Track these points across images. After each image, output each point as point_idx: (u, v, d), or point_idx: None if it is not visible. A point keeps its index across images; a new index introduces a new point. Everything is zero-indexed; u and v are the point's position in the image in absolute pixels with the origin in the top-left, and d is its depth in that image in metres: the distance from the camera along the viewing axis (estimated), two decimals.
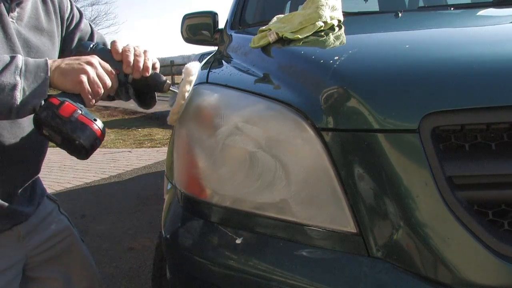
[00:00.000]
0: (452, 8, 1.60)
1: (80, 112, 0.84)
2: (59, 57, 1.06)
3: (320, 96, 0.77)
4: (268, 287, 0.75)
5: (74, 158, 0.87)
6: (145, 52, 0.96)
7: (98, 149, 0.81)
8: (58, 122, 0.82)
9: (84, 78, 0.85)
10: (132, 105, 7.76)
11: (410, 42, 0.93)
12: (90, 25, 1.17)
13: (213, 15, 2.31)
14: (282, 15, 1.24)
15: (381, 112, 0.70)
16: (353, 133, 0.72)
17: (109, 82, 0.90)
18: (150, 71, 0.95)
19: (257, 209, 0.81)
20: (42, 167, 1.10)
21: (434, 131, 0.67)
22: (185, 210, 0.95)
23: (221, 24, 2.13)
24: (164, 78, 0.98)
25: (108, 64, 0.91)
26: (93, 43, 0.95)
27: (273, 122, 0.81)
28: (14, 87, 0.80)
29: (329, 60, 0.83)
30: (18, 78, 0.81)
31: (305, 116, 0.77)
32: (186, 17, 2.38)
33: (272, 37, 1.09)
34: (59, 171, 4.78)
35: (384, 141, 0.69)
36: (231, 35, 1.58)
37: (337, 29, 1.13)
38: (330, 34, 1.08)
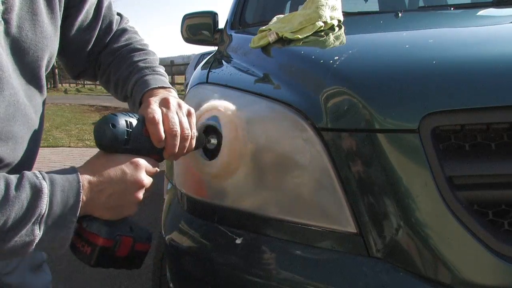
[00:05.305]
0: (452, 8, 1.60)
1: (134, 239, 0.69)
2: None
3: (320, 96, 0.77)
4: (268, 287, 0.75)
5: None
6: (190, 124, 0.73)
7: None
8: (115, 264, 0.67)
9: (136, 207, 0.68)
10: None
11: (410, 42, 0.93)
12: (99, 11, 0.83)
13: (213, 15, 2.31)
14: (282, 15, 1.24)
15: (381, 112, 0.70)
16: (353, 133, 0.72)
17: (151, 183, 0.71)
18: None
19: (257, 209, 0.81)
20: (42, 167, 1.08)
21: (434, 131, 0.67)
22: (185, 210, 0.96)
23: (221, 24, 2.14)
24: (202, 136, 0.80)
25: (150, 163, 0.69)
26: (127, 129, 0.66)
27: (273, 122, 0.81)
28: (29, 243, 0.56)
29: (329, 60, 0.83)
30: (37, 231, 0.56)
31: (305, 116, 0.77)
32: (186, 17, 2.38)
33: (272, 37, 1.09)
34: None
35: (384, 141, 0.69)
36: (231, 35, 1.58)
37: (337, 29, 1.13)
38: (330, 34, 1.08)
